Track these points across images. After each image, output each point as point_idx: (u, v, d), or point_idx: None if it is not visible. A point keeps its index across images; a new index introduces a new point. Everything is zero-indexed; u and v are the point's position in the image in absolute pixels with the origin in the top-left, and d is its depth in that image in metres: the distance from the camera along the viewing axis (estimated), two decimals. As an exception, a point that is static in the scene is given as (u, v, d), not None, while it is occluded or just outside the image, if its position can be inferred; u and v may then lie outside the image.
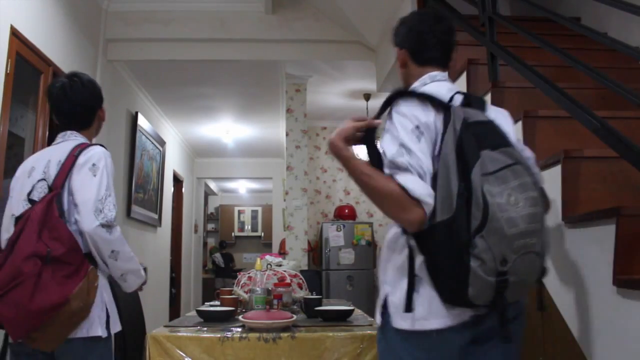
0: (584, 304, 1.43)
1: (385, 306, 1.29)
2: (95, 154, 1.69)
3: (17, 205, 1.70)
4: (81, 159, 1.67)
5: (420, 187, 1.16)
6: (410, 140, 1.22)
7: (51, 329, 1.55)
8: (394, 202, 1.18)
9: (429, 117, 1.26)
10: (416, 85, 1.42)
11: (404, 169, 1.19)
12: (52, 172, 1.68)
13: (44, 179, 1.68)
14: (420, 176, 1.18)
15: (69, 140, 1.76)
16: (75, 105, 1.78)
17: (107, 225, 1.61)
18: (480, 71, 2.29)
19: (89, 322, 1.60)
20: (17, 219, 1.64)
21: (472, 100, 1.35)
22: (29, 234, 1.56)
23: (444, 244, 1.17)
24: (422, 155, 1.21)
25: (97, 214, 1.59)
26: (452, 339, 1.21)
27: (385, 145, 1.26)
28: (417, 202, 1.16)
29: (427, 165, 1.21)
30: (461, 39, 2.60)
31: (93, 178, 1.64)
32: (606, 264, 1.29)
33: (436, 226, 1.17)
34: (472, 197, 1.14)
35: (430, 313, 1.20)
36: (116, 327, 1.71)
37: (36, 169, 1.72)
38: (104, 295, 1.68)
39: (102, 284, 1.68)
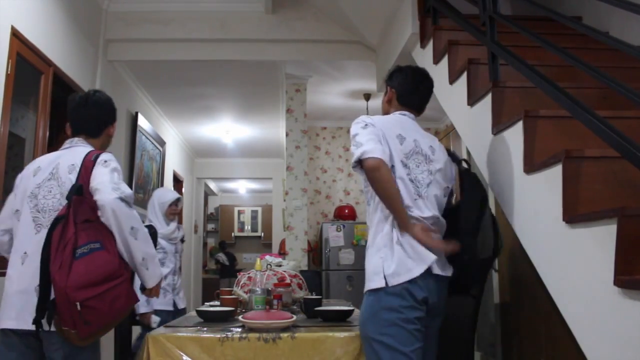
0: (585, 305, 1.42)
1: None
2: (106, 155, 1.83)
3: (20, 202, 1.80)
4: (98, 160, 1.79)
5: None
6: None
7: (109, 328, 1.72)
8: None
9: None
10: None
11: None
12: (63, 173, 1.78)
13: (52, 179, 1.78)
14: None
15: (78, 146, 1.88)
16: (90, 115, 1.93)
17: (126, 201, 1.70)
18: (481, 71, 2.29)
19: None
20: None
21: None
22: None
23: None
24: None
25: (115, 190, 1.70)
26: None
27: None
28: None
29: None
30: (461, 39, 2.62)
31: (106, 168, 1.76)
32: (607, 265, 1.28)
33: None
34: None
35: None
36: None
37: (42, 169, 1.82)
38: None
39: None
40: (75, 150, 1.85)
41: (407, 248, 1.70)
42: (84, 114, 1.92)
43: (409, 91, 1.96)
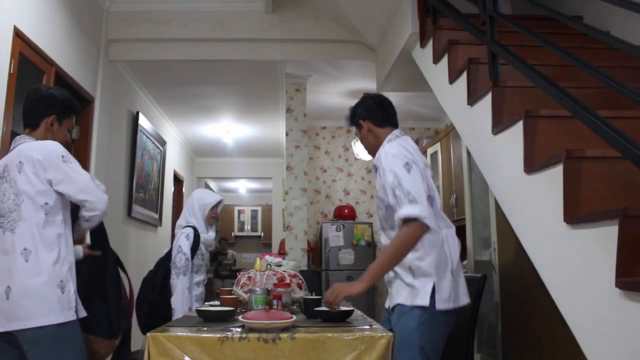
0: (586, 306, 1.41)
1: None
2: (55, 148, 1.85)
3: None
4: (45, 153, 1.81)
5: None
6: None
7: None
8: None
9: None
10: (391, 138, 2.00)
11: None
12: (13, 174, 1.80)
13: (4, 182, 1.81)
14: None
15: (21, 143, 1.90)
16: (26, 107, 1.97)
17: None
18: (481, 70, 2.28)
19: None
20: None
21: None
22: None
23: None
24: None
25: (98, 187, 1.90)
26: None
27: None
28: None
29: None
30: (462, 38, 2.61)
31: (72, 165, 1.86)
32: (608, 266, 1.28)
33: None
34: None
35: None
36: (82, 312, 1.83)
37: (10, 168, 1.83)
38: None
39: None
40: (19, 148, 1.87)
41: None
42: (24, 108, 1.98)
43: (379, 110, 2.08)
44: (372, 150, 2.09)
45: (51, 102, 1.96)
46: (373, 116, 2.07)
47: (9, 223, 1.74)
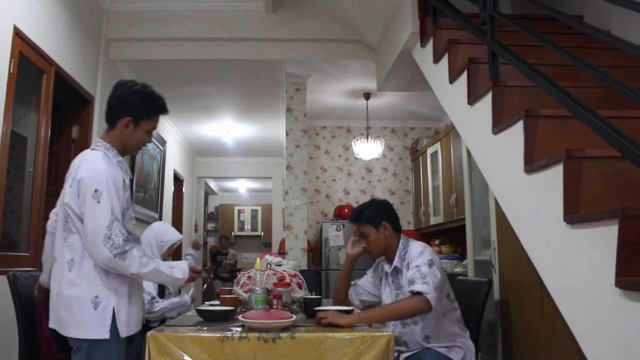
0: (586, 306, 1.41)
1: None
2: (98, 177, 1.69)
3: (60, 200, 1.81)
4: (85, 178, 1.69)
5: None
6: None
7: None
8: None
9: None
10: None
11: None
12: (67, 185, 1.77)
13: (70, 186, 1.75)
14: None
15: (88, 150, 1.82)
16: (108, 104, 1.87)
17: (120, 253, 1.66)
18: (481, 70, 2.28)
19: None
20: None
21: None
22: None
23: None
24: None
25: (106, 242, 1.64)
26: None
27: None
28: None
29: None
30: (462, 38, 2.61)
31: (97, 205, 1.67)
32: (608, 266, 1.28)
33: None
34: None
35: None
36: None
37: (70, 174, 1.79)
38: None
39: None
40: (81, 156, 1.80)
41: None
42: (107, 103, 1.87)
43: (397, 218, 2.37)
44: (383, 251, 2.34)
45: (129, 102, 1.87)
46: (396, 222, 2.36)
47: (65, 231, 1.72)
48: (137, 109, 1.87)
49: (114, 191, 1.70)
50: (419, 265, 2.08)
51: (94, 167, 1.72)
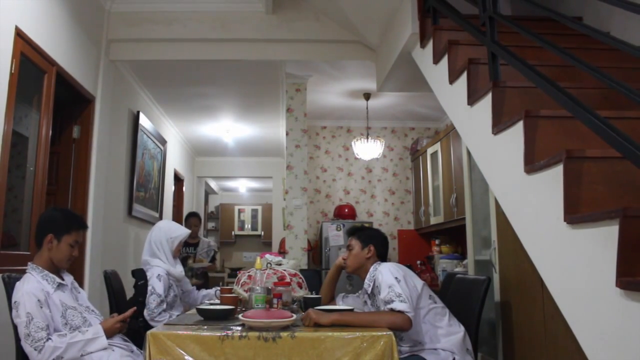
0: (587, 306, 1.42)
1: None
2: (17, 292, 1.99)
3: None
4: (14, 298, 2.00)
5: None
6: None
7: None
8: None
9: None
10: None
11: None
12: None
13: None
14: None
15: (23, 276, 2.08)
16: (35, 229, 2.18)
17: (37, 350, 1.90)
18: (481, 70, 2.29)
19: None
20: None
21: None
22: None
23: None
24: None
25: (26, 339, 1.91)
26: None
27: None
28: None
29: None
30: (462, 39, 2.61)
31: (16, 313, 1.95)
32: (609, 266, 1.28)
33: None
34: None
35: None
36: None
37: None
38: None
39: None
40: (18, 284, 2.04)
41: None
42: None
43: (386, 245, 2.53)
44: (358, 269, 2.48)
45: (49, 219, 2.14)
46: (381, 248, 2.48)
47: None
48: (57, 226, 2.12)
49: (30, 305, 1.95)
50: (390, 285, 2.14)
51: (17, 288, 2.02)
